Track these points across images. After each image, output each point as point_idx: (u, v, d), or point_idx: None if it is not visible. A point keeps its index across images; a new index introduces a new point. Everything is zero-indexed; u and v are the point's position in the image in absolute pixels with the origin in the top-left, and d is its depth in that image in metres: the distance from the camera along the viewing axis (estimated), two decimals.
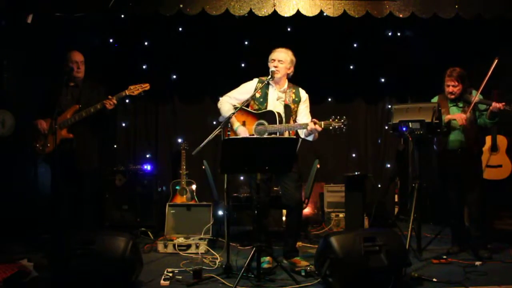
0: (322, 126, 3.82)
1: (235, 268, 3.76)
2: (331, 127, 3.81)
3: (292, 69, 4.10)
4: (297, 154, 3.95)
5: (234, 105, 4.09)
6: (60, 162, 4.20)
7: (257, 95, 4.06)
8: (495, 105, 4.04)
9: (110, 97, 4.27)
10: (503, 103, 4.03)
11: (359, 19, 4.97)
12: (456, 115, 4.21)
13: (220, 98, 4.18)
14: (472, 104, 4.16)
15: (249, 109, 4.09)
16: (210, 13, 4.82)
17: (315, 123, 3.82)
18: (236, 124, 4.04)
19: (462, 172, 4.29)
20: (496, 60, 4.13)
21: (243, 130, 4.00)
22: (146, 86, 4.36)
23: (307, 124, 3.88)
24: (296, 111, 4.10)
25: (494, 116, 4.15)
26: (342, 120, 3.81)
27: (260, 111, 4.04)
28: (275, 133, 3.94)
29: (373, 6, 4.90)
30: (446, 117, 4.22)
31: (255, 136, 3.97)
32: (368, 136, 6.40)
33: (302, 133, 4.09)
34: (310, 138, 4.06)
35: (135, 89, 4.33)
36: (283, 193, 4.06)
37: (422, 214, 4.36)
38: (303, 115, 4.10)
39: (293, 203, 3.99)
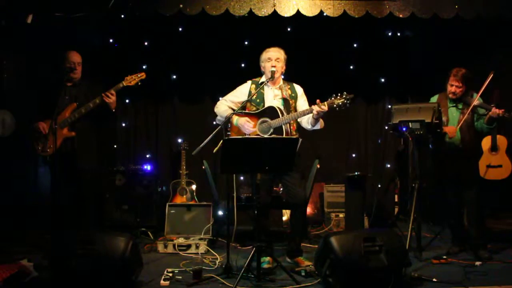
0: (326, 106, 3.70)
1: (235, 268, 3.76)
2: (335, 105, 3.68)
3: (285, 67, 4.09)
4: (299, 153, 3.89)
5: (231, 108, 4.07)
6: (61, 161, 4.19)
7: (253, 97, 4.04)
8: (494, 111, 4.02)
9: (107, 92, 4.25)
10: (503, 110, 4.00)
11: (359, 19, 4.97)
12: (447, 128, 4.22)
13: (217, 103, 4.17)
14: (471, 107, 4.14)
15: (247, 111, 4.07)
16: (210, 13, 4.82)
17: (319, 105, 3.66)
18: (235, 118, 3.99)
19: (460, 173, 4.28)
20: (491, 75, 4.10)
21: (243, 121, 3.97)
22: (142, 75, 4.34)
23: (311, 109, 3.76)
24: (295, 106, 4.06)
25: (492, 122, 4.14)
26: (344, 96, 3.68)
27: (259, 110, 4.02)
28: (281, 127, 3.86)
29: (373, 6, 4.90)
30: None
31: (259, 135, 3.93)
32: (368, 136, 6.40)
33: (308, 123, 3.93)
34: (317, 127, 3.95)
35: (132, 79, 4.31)
36: (287, 192, 4.03)
37: (422, 214, 4.35)
38: (303, 107, 4.02)
39: (298, 201, 3.95)
